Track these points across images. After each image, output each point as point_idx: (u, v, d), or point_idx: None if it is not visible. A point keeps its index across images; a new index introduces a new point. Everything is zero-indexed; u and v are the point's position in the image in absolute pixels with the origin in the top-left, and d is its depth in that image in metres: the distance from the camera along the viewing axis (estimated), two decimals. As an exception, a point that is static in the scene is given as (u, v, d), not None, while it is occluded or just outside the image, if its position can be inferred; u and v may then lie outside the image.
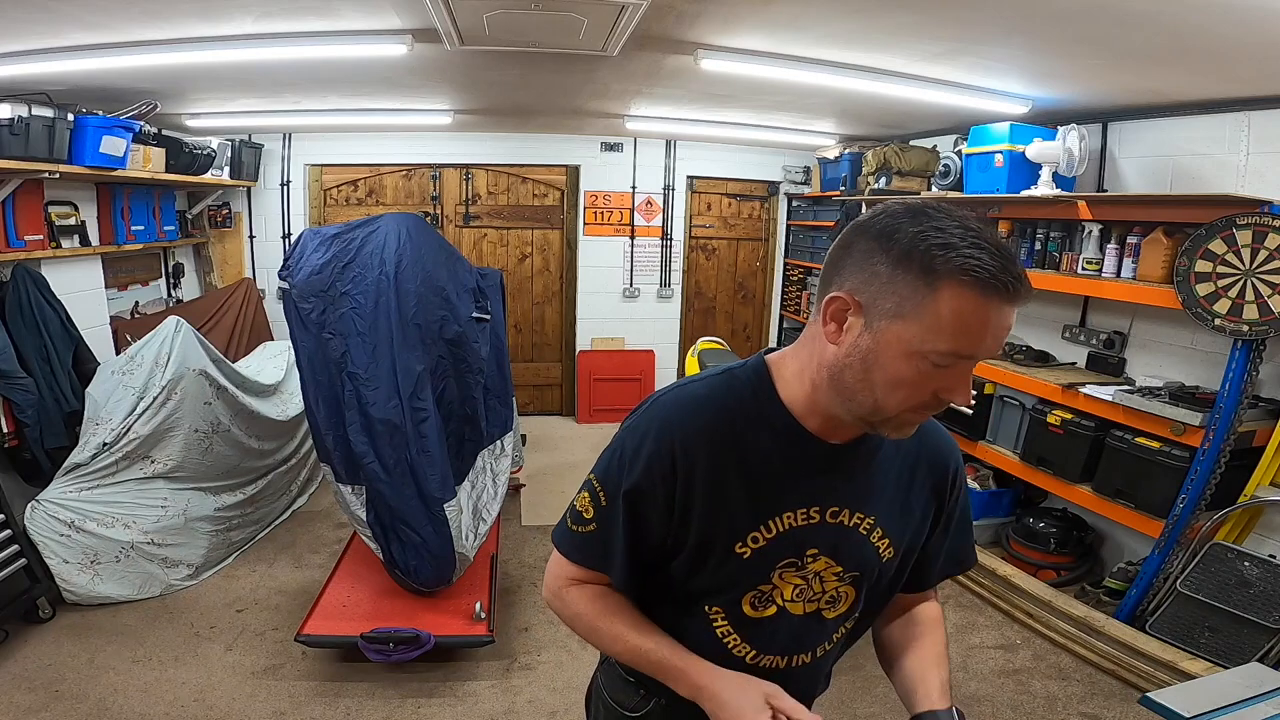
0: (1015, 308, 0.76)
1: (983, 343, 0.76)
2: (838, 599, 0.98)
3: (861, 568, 0.96)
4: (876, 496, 0.96)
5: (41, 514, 2.85)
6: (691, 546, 0.92)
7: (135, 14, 2.30)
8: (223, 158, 4.55)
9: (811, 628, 0.98)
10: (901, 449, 0.97)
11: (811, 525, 0.92)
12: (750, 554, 0.91)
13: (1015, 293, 0.75)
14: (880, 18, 2.32)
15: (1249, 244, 2.48)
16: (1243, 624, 2.48)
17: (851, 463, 0.94)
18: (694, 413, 0.92)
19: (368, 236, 2.77)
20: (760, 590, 0.94)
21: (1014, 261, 0.75)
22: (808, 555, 0.93)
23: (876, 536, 0.96)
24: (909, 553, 1.01)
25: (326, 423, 2.72)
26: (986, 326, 0.75)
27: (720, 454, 0.90)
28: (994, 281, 0.73)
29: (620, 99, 4.02)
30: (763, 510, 0.91)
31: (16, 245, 3.17)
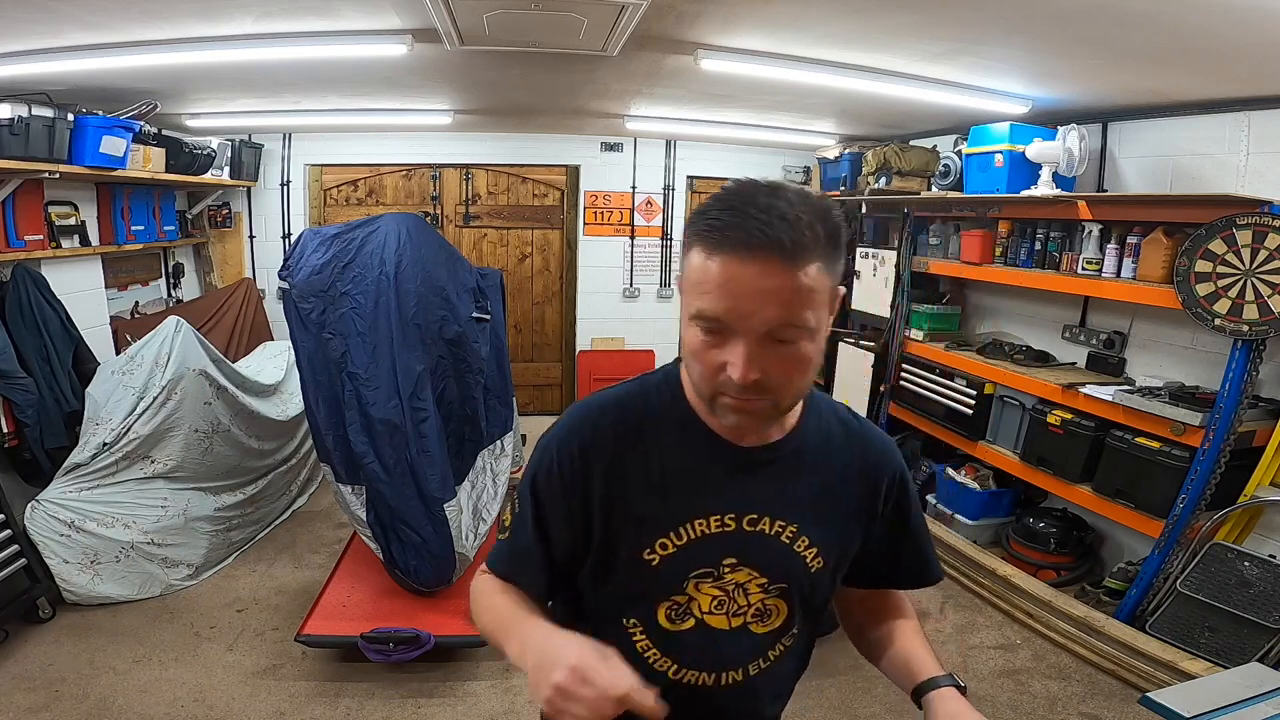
0: (765, 264, 0.71)
1: (724, 302, 0.73)
2: (767, 613, 0.92)
3: (788, 579, 0.91)
4: (800, 503, 0.91)
5: (41, 514, 2.85)
6: (598, 553, 0.90)
7: (135, 14, 2.30)
8: (223, 158, 4.55)
9: (739, 643, 0.92)
10: (832, 454, 0.93)
11: (726, 533, 0.88)
12: (659, 561, 0.87)
13: (749, 247, 0.70)
14: (880, 18, 2.32)
15: (1249, 244, 2.48)
16: (1243, 624, 2.48)
17: (768, 467, 0.89)
18: (598, 418, 0.91)
19: (368, 236, 2.77)
20: (675, 601, 0.89)
21: (763, 218, 0.71)
22: (724, 565, 0.88)
23: (802, 546, 0.91)
24: (841, 563, 0.97)
25: (326, 423, 2.72)
26: (722, 284, 0.72)
27: (624, 459, 0.88)
28: (721, 236, 0.72)
29: (620, 99, 4.02)
30: (671, 517, 0.87)
31: (16, 245, 3.17)
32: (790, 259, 0.71)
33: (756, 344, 0.74)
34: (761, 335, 0.74)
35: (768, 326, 0.73)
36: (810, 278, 0.73)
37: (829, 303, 0.78)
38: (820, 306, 0.76)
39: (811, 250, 0.72)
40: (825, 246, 0.74)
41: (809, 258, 0.72)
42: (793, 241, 0.71)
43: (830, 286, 0.77)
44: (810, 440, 0.92)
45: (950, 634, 2.98)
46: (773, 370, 0.76)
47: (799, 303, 0.73)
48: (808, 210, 0.73)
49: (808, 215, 0.73)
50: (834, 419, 0.96)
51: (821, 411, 0.95)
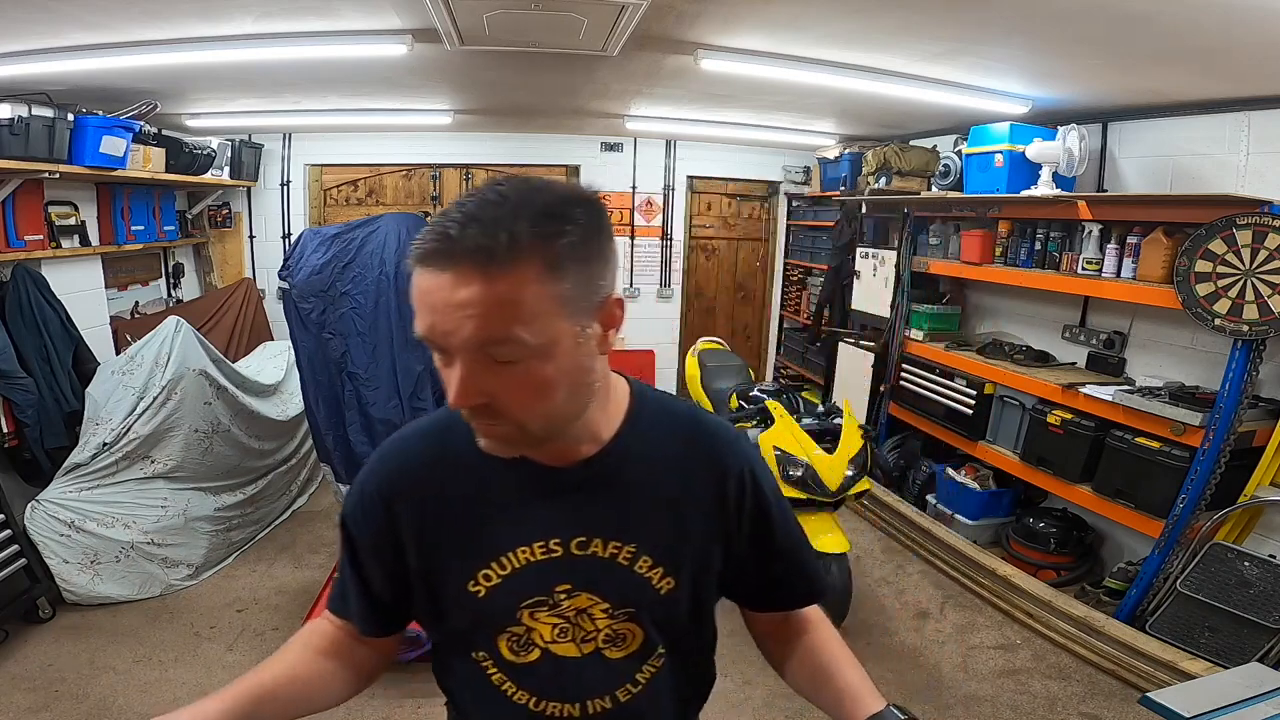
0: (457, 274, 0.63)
1: (424, 319, 0.66)
2: (620, 638, 0.85)
3: (632, 603, 0.84)
4: (637, 521, 0.83)
5: (41, 514, 2.85)
6: (420, 589, 0.86)
7: (135, 14, 2.30)
8: (223, 158, 4.55)
9: (596, 670, 0.85)
10: (661, 464, 0.85)
11: (554, 559, 0.82)
12: (485, 593, 0.82)
13: (439, 255, 0.63)
14: (880, 18, 2.32)
15: (1249, 244, 2.48)
16: (1243, 624, 2.47)
17: (590, 486, 0.82)
18: (400, 452, 0.87)
19: (368, 236, 2.77)
20: (513, 633, 0.84)
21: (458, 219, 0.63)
22: (558, 592, 0.82)
23: (644, 567, 0.83)
24: (702, 582, 0.88)
25: (326, 423, 2.73)
26: (421, 299, 0.65)
27: (433, 491, 0.84)
28: (419, 247, 0.65)
29: (620, 99, 4.02)
30: (490, 546, 0.82)
31: (16, 245, 3.17)
32: (484, 266, 0.62)
33: (472, 365, 0.66)
34: (474, 355, 0.66)
35: (471, 345, 0.65)
36: (516, 287, 0.63)
37: (572, 314, 0.67)
38: (545, 318, 0.65)
39: (514, 254, 0.63)
40: (542, 249, 0.64)
41: (513, 264, 0.63)
42: (486, 246, 0.62)
43: (558, 295, 0.66)
44: (633, 451, 0.84)
45: (950, 634, 2.98)
46: (501, 394, 0.68)
47: (503, 316, 0.63)
48: (522, 208, 0.64)
49: (516, 214, 0.64)
50: (664, 422, 0.87)
51: (649, 416, 0.86)
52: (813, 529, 2.75)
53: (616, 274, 0.75)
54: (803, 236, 5.72)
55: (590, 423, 0.80)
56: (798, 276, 5.82)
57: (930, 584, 3.38)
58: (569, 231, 0.66)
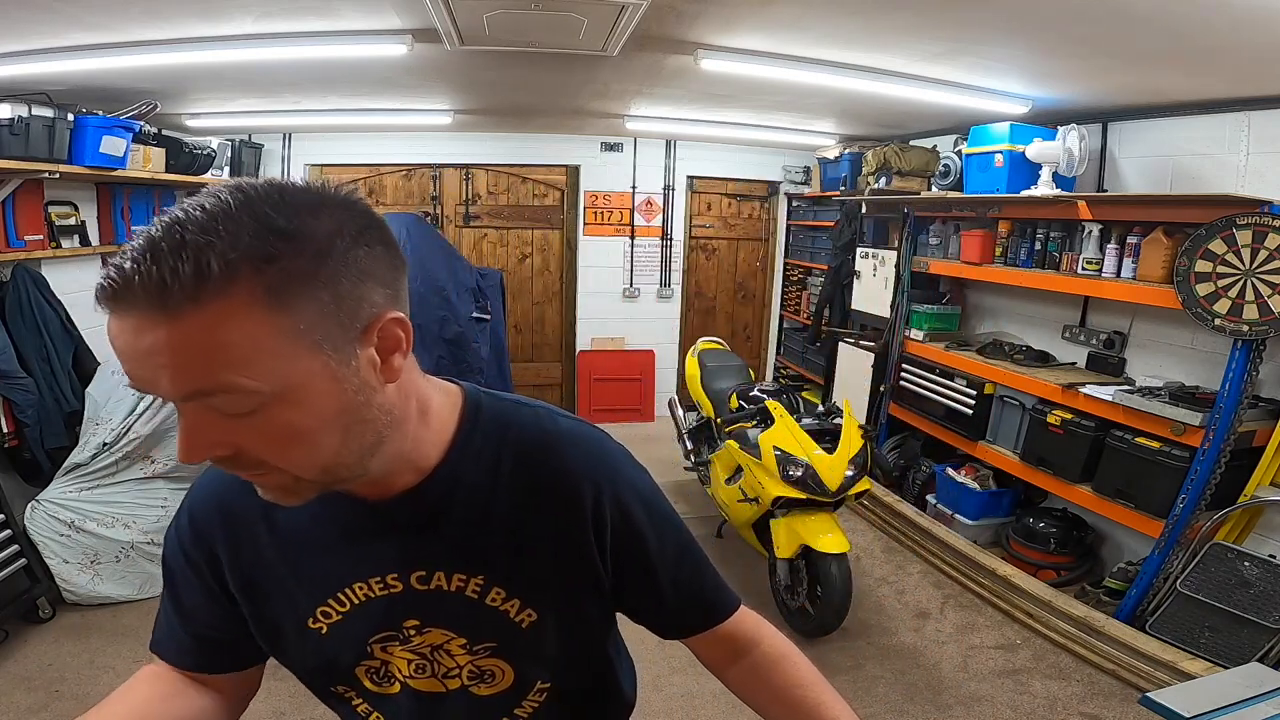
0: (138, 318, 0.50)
1: (125, 367, 0.53)
2: (486, 674, 0.79)
3: (492, 639, 0.77)
4: (481, 552, 0.75)
5: (41, 514, 2.85)
6: (256, 627, 0.78)
7: (136, 14, 2.30)
8: (223, 158, 4.54)
9: (466, 707, 0.80)
10: (497, 486, 0.75)
11: (395, 594, 0.74)
12: (327, 630, 0.76)
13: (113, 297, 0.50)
14: (880, 18, 2.32)
15: (1249, 244, 2.48)
16: (1243, 624, 2.48)
17: (415, 517, 0.73)
18: (212, 488, 0.78)
19: (368, 236, 2.77)
20: (369, 665, 0.78)
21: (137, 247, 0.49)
22: (407, 627, 0.76)
23: (498, 599, 0.76)
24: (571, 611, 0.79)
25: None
26: (115, 346, 0.52)
27: (246, 530, 0.76)
28: (100, 283, 0.51)
29: (620, 99, 4.02)
30: (322, 584, 0.75)
31: (16, 245, 3.16)
32: (164, 307, 0.49)
33: (195, 417, 0.54)
34: (194, 407, 0.54)
35: (177, 398, 0.53)
36: (214, 326, 0.50)
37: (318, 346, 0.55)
38: (272, 358, 0.52)
39: (205, 288, 0.49)
40: (252, 275, 0.50)
41: (206, 300, 0.49)
42: (162, 282, 0.48)
43: (287, 328, 0.53)
44: (464, 476, 0.74)
45: (950, 634, 2.98)
46: (248, 447, 0.56)
47: (206, 364, 0.51)
48: (226, 224, 0.50)
49: (212, 235, 0.49)
50: (501, 438, 0.76)
51: (484, 433, 0.76)
52: (813, 529, 2.75)
53: (400, 287, 0.64)
54: (803, 236, 5.72)
55: (405, 452, 0.69)
56: (798, 276, 5.82)
57: (930, 584, 3.38)
58: (297, 248, 0.52)
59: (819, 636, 2.82)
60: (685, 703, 2.51)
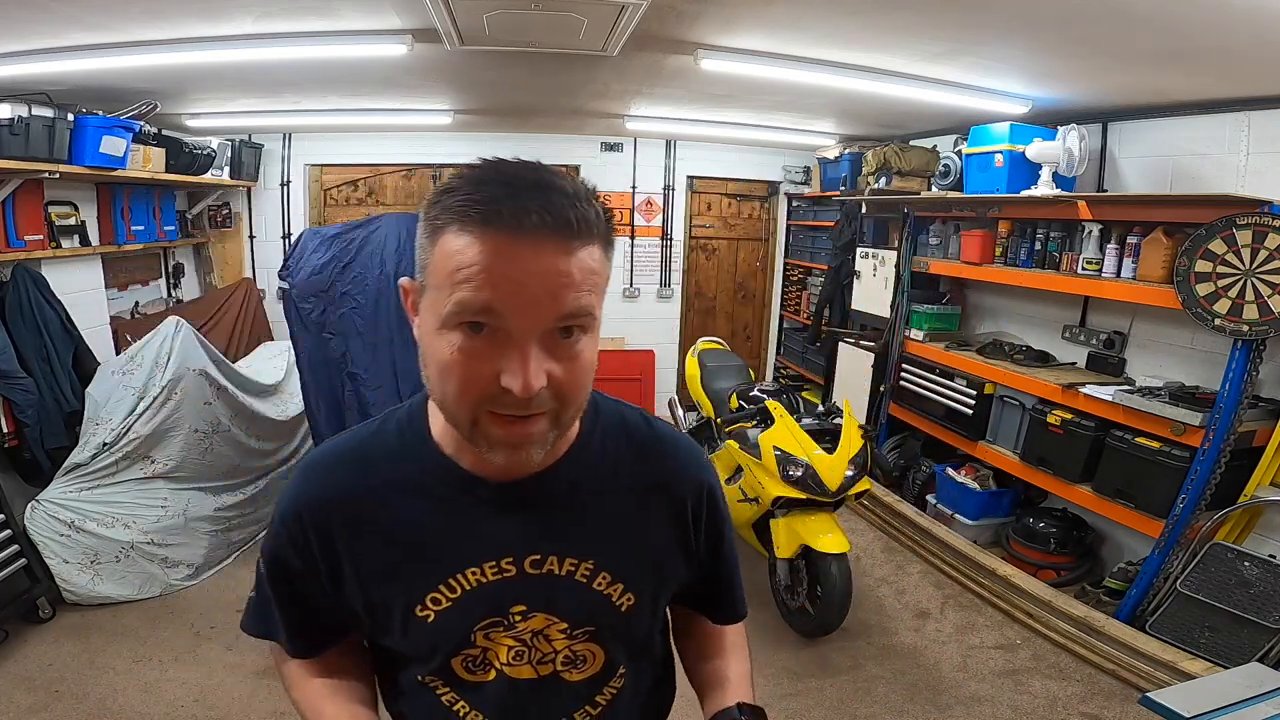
0: (548, 242, 0.60)
1: (498, 289, 0.60)
2: (579, 659, 0.82)
3: (593, 623, 0.80)
4: (595, 537, 0.79)
5: (41, 514, 2.85)
6: (364, 614, 0.80)
7: (136, 14, 2.30)
8: (223, 158, 4.55)
9: (554, 692, 0.82)
10: (620, 475, 0.81)
11: (508, 579, 0.77)
12: (435, 617, 0.77)
13: (528, 224, 0.59)
14: (880, 18, 2.32)
15: (1249, 244, 2.48)
16: (1243, 624, 2.48)
17: (540, 500, 0.78)
18: (327, 473, 0.80)
19: (368, 236, 2.77)
20: (468, 654, 0.79)
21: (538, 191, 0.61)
22: (513, 613, 0.78)
23: (603, 584, 0.79)
24: (660, 596, 0.86)
25: (326, 423, 2.73)
26: (491, 268, 0.60)
27: (368, 515, 0.77)
28: (488, 212, 0.60)
29: (620, 99, 4.02)
30: (437, 569, 0.77)
31: (16, 245, 3.17)
32: (573, 236, 0.61)
33: (540, 343, 0.63)
34: (542, 333, 0.63)
35: (552, 319, 0.62)
36: (595, 260, 0.64)
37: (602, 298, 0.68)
38: (602, 296, 0.67)
39: (594, 229, 0.64)
40: (603, 228, 0.65)
41: (591, 236, 0.63)
42: (577, 217, 0.61)
43: (606, 276, 0.67)
44: (592, 462, 0.80)
45: (950, 634, 2.98)
46: (557, 375, 0.64)
47: (584, 288, 0.63)
48: (580, 187, 0.65)
49: (584, 191, 0.64)
50: (619, 432, 0.84)
51: (604, 425, 0.83)
52: (813, 529, 2.75)
53: None
54: (803, 236, 5.72)
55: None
56: (798, 276, 5.82)
57: (930, 584, 3.38)
58: (611, 222, 0.67)
59: (819, 636, 2.82)
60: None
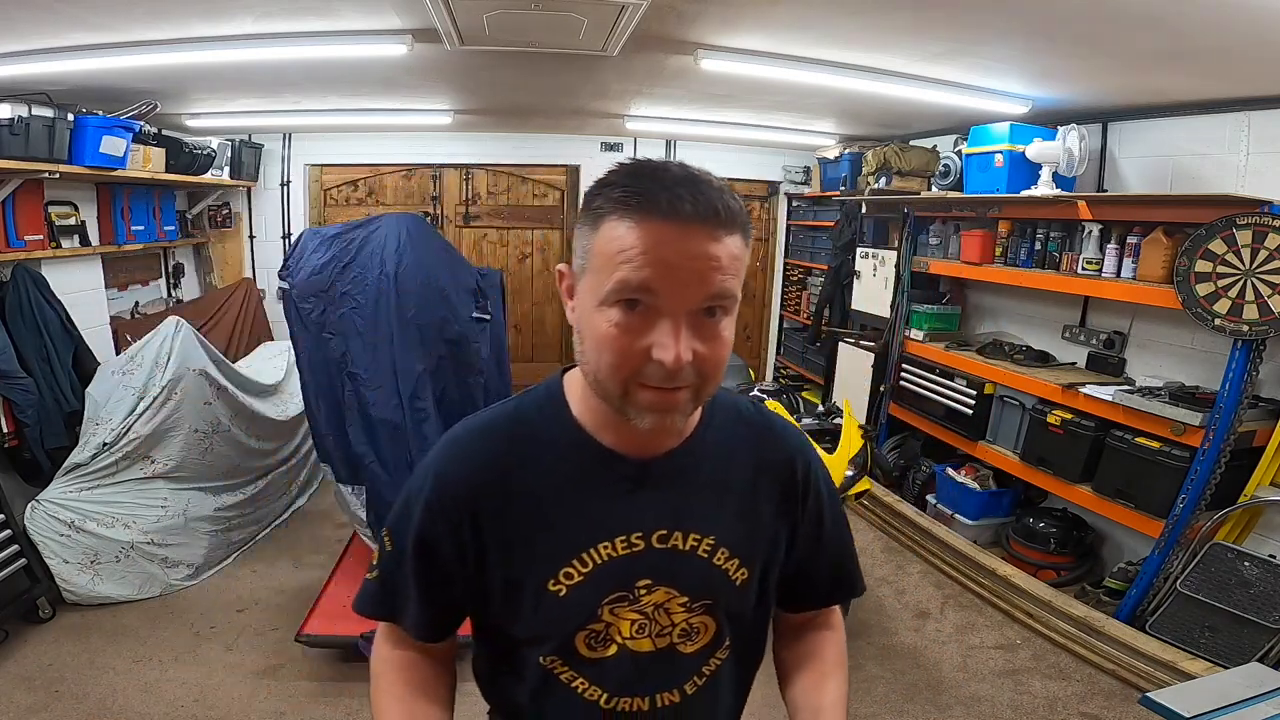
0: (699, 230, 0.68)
1: (654, 270, 0.67)
2: (693, 631, 0.86)
3: (710, 595, 0.85)
4: (714, 514, 0.85)
5: (41, 514, 2.85)
6: (499, 591, 0.83)
7: (137, 14, 2.30)
8: (223, 158, 4.55)
9: (669, 664, 0.86)
10: (737, 455, 0.88)
11: (636, 554, 0.82)
12: (567, 591, 0.81)
13: (682, 213, 0.67)
14: (880, 18, 2.32)
15: (1249, 244, 2.48)
16: (1243, 624, 2.48)
17: (671, 478, 0.83)
18: (472, 449, 0.84)
19: (368, 237, 2.77)
20: (592, 630, 0.83)
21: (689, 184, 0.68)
22: (639, 587, 0.82)
23: (722, 558, 0.85)
24: (769, 572, 0.90)
25: (326, 423, 2.72)
26: (650, 251, 0.67)
27: (509, 488, 0.82)
28: (647, 203, 0.67)
29: (620, 99, 4.02)
30: (571, 544, 0.81)
31: (16, 245, 3.17)
32: (720, 225, 0.69)
33: (689, 321, 0.70)
34: (691, 312, 0.70)
35: (701, 298, 0.70)
36: (737, 248, 0.71)
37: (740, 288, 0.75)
38: (741, 280, 0.73)
39: (736, 219, 0.70)
40: (744, 219, 0.72)
41: (735, 227, 0.71)
42: (723, 207, 0.69)
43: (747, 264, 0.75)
44: (713, 444, 0.86)
45: (950, 634, 2.98)
46: (700, 351, 0.71)
47: (729, 272, 0.70)
48: (723, 183, 0.72)
49: (725, 187, 0.71)
50: (736, 417, 0.91)
51: (723, 410, 0.89)
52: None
53: None
54: (803, 236, 5.72)
55: None
56: (798, 276, 5.82)
57: (930, 584, 3.38)
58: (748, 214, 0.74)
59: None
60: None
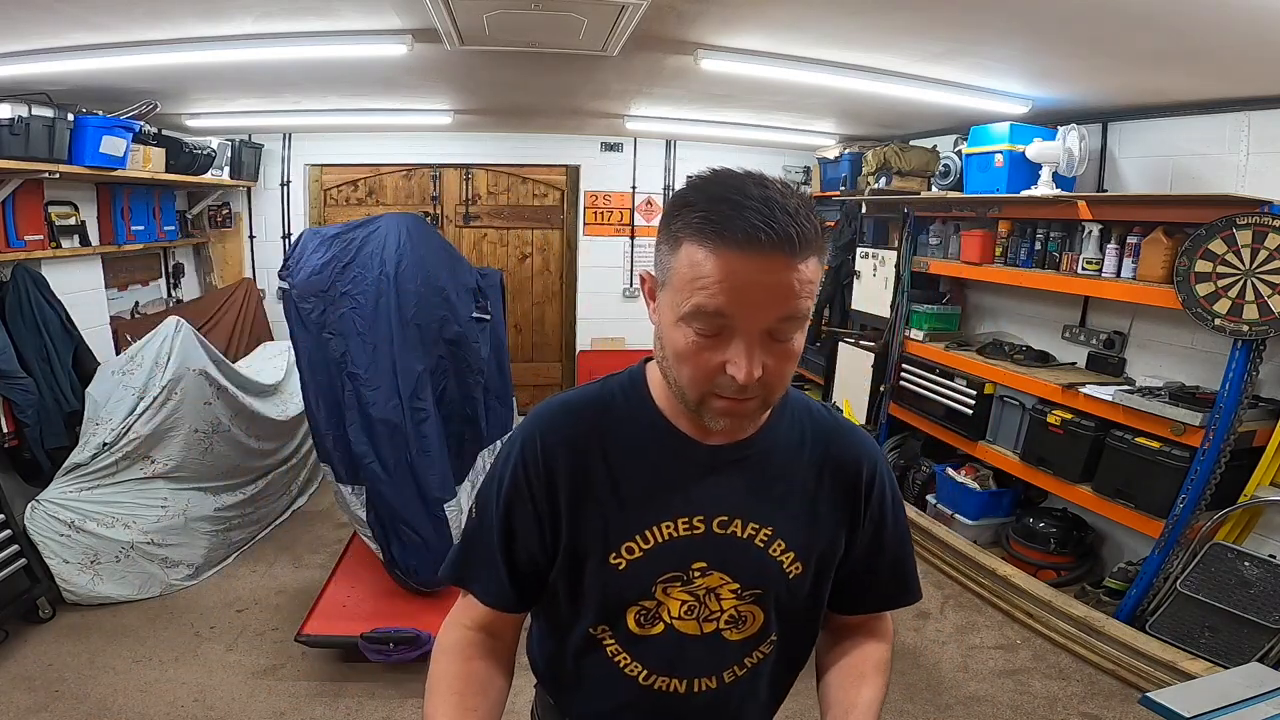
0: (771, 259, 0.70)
1: (728, 297, 0.70)
2: (741, 620, 0.88)
3: (762, 585, 0.87)
4: (776, 505, 0.88)
5: (41, 514, 2.85)
6: (565, 557, 0.88)
7: (136, 14, 2.30)
8: (223, 158, 4.55)
9: (712, 649, 0.89)
10: (806, 452, 0.90)
11: (695, 536, 0.85)
12: (626, 565, 0.85)
13: (755, 242, 0.69)
14: (880, 18, 2.32)
15: (1249, 244, 2.48)
16: (1243, 624, 2.48)
17: (740, 467, 0.87)
18: (560, 420, 0.89)
19: (368, 236, 2.77)
20: (644, 606, 0.87)
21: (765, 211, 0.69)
22: (694, 569, 0.86)
23: (778, 550, 0.87)
24: (824, 570, 0.92)
25: (326, 423, 2.72)
26: (724, 279, 0.70)
27: (587, 461, 0.86)
28: (721, 230, 0.69)
29: (620, 99, 4.02)
30: (637, 519, 0.85)
31: (16, 245, 3.17)
32: (794, 253, 0.71)
33: (759, 341, 0.73)
34: (765, 330, 0.73)
35: (771, 322, 0.72)
36: (811, 270, 0.73)
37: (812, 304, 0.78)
38: (813, 298, 0.75)
39: (811, 243, 0.72)
40: (819, 238, 0.74)
41: (809, 250, 0.72)
42: (798, 234, 0.70)
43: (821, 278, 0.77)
44: (782, 438, 0.90)
45: (950, 634, 2.98)
46: (770, 366, 0.75)
47: (801, 295, 0.73)
48: (801, 202, 0.72)
49: (803, 207, 0.72)
50: (806, 415, 0.93)
51: (794, 408, 0.93)
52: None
53: None
54: (803, 236, 5.71)
55: None
56: (798, 276, 5.81)
57: (930, 584, 3.38)
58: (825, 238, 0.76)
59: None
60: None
